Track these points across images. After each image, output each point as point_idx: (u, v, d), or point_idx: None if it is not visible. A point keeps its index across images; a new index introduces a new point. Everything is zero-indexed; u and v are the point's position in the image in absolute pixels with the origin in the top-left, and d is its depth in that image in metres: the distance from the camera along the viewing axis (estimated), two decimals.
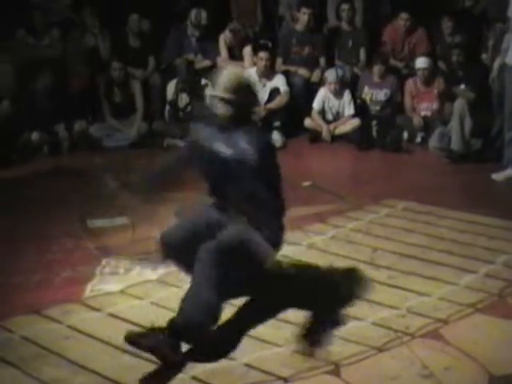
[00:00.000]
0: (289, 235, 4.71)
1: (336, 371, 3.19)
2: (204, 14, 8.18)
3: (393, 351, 3.34)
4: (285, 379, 3.14)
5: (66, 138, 7.22)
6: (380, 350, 3.35)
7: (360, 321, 3.61)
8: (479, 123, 6.89)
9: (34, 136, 7.08)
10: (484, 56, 7.55)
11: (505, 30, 6.33)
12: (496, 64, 6.38)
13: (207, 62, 8.14)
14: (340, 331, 3.51)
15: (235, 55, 8.25)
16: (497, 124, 6.69)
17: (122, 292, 3.99)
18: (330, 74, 7.74)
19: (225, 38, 8.18)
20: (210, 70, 8.02)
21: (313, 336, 3.43)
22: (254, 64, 7.88)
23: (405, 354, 3.31)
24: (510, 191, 5.93)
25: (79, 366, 3.24)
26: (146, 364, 3.24)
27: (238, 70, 4.12)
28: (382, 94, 7.80)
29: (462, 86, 7.06)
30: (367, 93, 7.86)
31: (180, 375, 3.16)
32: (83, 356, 3.32)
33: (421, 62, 7.59)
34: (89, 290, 4.02)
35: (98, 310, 3.78)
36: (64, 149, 7.21)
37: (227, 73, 3.59)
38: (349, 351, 3.33)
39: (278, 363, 3.24)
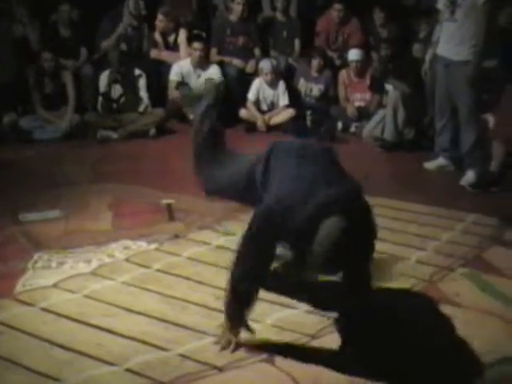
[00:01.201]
0: (224, 226, 4.76)
1: (271, 359, 3.21)
2: (142, 4, 8.09)
3: (326, 338, 3.38)
4: (220, 368, 3.14)
5: None
6: (313, 337, 3.39)
7: (294, 309, 3.64)
8: (412, 113, 7.02)
9: None
10: (416, 47, 7.68)
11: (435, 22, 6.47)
12: (428, 56, 6.49)
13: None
14: (274, 320, 3.53)
15: (169, 44, 8.18)
16: (429, 114, 6.82)
17: (54, 286, 3.92)
18: (265, 64, 7.76)
19: (158, 23, 8.08)
20: (144, 61, 7.97)
21: None
22: (190, 54, 7.84)
23: (338, 340, 3.36)
24: (440, 179, 6.06)
25: (11, 362, 3.17)
26: (80, 358, 3.21)
27: None
28: (316, 89, 7.87)
29: (392, 79, 7.18)
30: (302, 85, 7.92)
31: (113, 368, 3.14)
32: (15, 352, 3.25)
33: (353, 55, 7.69)
34: (21, 284, 3.93)
35: (30, 304, 3.70)
36: None
37: None
38: (283, 339, 3.37)
39: (213, 353, 3.24)
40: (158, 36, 8.14)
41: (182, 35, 8.16)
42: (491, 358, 3.21)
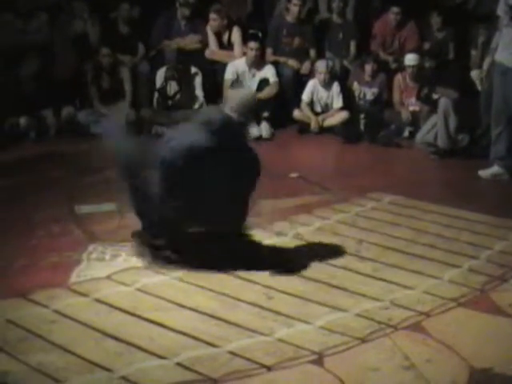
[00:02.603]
0: (275, 226, 4.78)
1: (319, 361, 3.22)
2: None
3: (375, 342, 3.38)
4: (268, 368, 3.16)
5: (54, 123, 7.21)
6: (363, 340, 3.39)
7: (344, 312, 3.65)
8: (464, 120, 6.94)
9: (22, 121, 7.07)
10: (473, 53, 7.60)
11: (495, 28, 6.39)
12: (486, 63, 6.42)
13: (197, 41, 8.07)
14: (323, 322, 3.54)
15: (224, 43, 8.22)
16: (484, 121, 6.73)
17: (108, 278, 4.00)
18: (321, 64, 7.77)
19: (211, 22, 8.13)
20: (201, 55, 8.02)
21: None
22: (244, 53, 7.88)
23: (387, 345, 3.35)
24: (495, 188, 5.98)
25: (65, 350, 3.25)
26: (131, 349, 3.26)
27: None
28: (370, 93, 7.85)
29: (440, 88, 7.13)
30: (356, 88, 7.90)
31: (164, 361, 3.19)
32: (69, 340, 3.33)
33: (410, 60, 7.62)
34: (75, 275, 4.02)
35: (84, 295, 3.79)
36: (51, 134, 7.20)
37: None
38: (332, 341, 3.37)
39: (262, 352, 3.27)
40: (211, 35, 8.19)
41: (237, 34, 8.19)
42: None
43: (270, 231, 4.68)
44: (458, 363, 3.22)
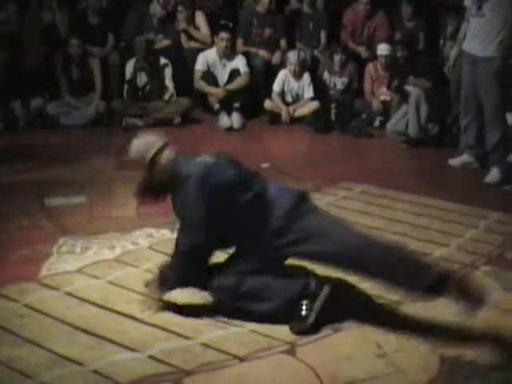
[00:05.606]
0: None
1: (292, 351, 3.24)
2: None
3: (348, 331, 3.39)
4: (241, 358, 3.17)
5: (23, 115, 7.12)
6: (335, 330, 3.40)
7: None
8: (435, 109, 6.98)
9: None
10: (442, 42, 7.65)
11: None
12: (453, 53, 6.45)
13: (166, 42, 8.07)
14: None
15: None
16: (454, 110, 6.78)
17: (78, 271, 3.97)
18: (292, 55, 7.76)
19: (179, 15, 8.09)
20: (170, 50, 7.99)
21: None
22: (212, 34, 7.93)
23: (359, 334, 3.37)
24: (465, 176, 6.03)
25: (35, 345, 3.22)
26: (103, 342, 3.25)
27: None
28: (340, 83, 7.86)
29: (411, 78, 7.17)
30: (326, 78, 7.92)
31: (136, 354, 3.17)
32: (39, 334, 3.31)
33: (382, 49, 7.63)
34: (46, 268, 3.99)
35: (54, 288, 3.76)
36: (20, 126, 7.11)
37: None
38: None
39: (235, 343, 3.27)
40: (182, 22, 8.16)
41: (200, 16, 8.18)
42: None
43: None
44: (428, 350, 3.25)
